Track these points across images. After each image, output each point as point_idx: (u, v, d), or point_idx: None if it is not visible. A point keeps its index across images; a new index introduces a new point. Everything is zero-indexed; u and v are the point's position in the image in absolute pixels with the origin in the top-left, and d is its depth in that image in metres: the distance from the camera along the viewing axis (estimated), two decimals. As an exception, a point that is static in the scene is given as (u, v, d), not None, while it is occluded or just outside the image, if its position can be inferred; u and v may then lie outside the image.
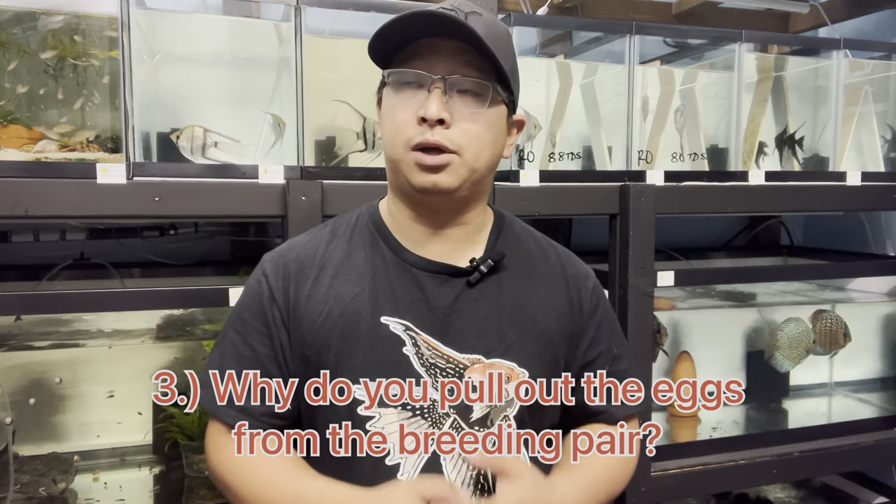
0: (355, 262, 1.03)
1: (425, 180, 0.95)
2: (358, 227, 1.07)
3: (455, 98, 0.94)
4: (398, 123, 0.95)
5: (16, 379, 1.59)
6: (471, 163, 0.96)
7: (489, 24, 0.94)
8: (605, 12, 2.20)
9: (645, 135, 1.84)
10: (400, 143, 0.95)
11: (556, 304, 1.06)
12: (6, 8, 1.36)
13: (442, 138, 0.93)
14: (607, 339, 1.11)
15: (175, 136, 1.47)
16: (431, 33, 0.94)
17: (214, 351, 1.05)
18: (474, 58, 0.94)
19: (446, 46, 0.94)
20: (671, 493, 1.73)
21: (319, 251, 1.05)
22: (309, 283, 1.02)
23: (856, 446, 1.89)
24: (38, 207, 1.29)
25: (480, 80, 0.94)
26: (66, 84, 1.40)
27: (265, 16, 1.67)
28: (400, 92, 0.96)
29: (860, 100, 1.99)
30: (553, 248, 1.13)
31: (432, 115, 0.92)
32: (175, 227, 1.88)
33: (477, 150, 0.96)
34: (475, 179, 0.98)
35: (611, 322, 1.13)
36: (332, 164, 1.61)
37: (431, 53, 0.94)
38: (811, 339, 2.02)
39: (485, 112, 0.95)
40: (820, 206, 1.91)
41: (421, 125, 0.93)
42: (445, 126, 0.93)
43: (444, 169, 0.94)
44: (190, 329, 1.74)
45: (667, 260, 2.17)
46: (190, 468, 1.59)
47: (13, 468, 1.43)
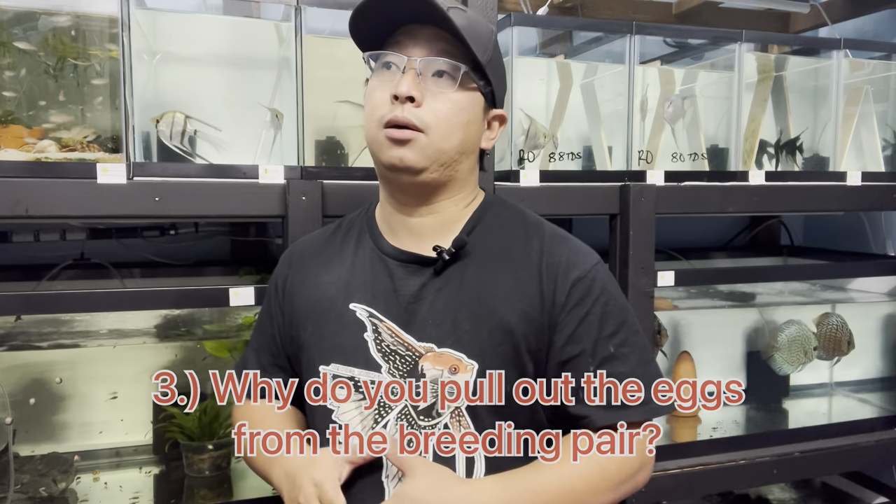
0: (343, 252, 1.11)
1: (392, 154, 0.98)
2: (357, 221, 1.15)
3: (428, 80, 0.99)
4: (374, 103, 1.00)
5: (16, 379, 1.59)
6: (438, 143, 0.99)
7: (471, 18, 1.00)
8: (605, 12, 2.20)
9: (644, 135, 1.84)
10: (374, 123, 1.00)
11: (522, 294, 1.00)
12: (6, 8, 1.36)
13: (411, 115, 0.97)
14: (595, 335, 1.01)
15: (154, 120, 1.46)
16: (410, 19, 0.99)
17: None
18: (450, 45, 0.99)
19: (425, 33, 0.99)
20: (671, 493, 1.73)
21: (320, 243, 1.15)
22: (303, 271, 1.12)
23: (856, 446, 1.89)
24: (39, 207, 1.29)
25: (449, 61, 0.99)
26: (66, 84, 1.40)
27: (265, 16, 1.67)
28: (379, 75, 1.02)
29: (860, 100, 1.99)
30: (540, 234, 1.06)
31: (402, 91, 0.96)
32: (175, 227, 1.88)
33: (445, 130, 0.99)
34: (444, 161, 1.01)
35: (606, 317, 1.02)
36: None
37: (409, 39, 1.00)
38: (812, 344, 2.00)
39: (455, 94, 1.00)
40: (820, 206, 1.91)
41: (393, 103, 0.98)
42: (416, 105, 0.97)
43: (409, 144, 0.98)
44: (190, 329, 1.74)
45: (667, 260, 2.17)
46: (190, 468, 1.59)
47: (13, 468, 1.43)
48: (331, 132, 1.63)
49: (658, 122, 1.86)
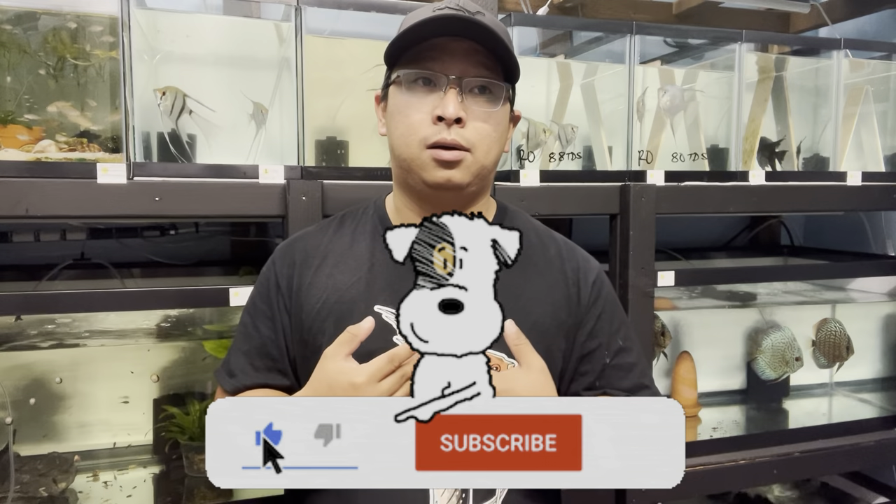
0: (356, 252, 1.07)
1: (440, 175, 0.97)
2: (363, 219, 1.11)
3: (469, 98, 0.97)
4: (412, 123, 0.98)
5: (16, 379, 1.59)
6: (482, 160, 0.99)
7: (494, 23, 0.98)
8: (605, 12, 2.20)
9: (642, 135, 1.83)
10: (415, 143, 0.98)
11: (551, 298, 1.06)
12: (6, 8, 1.36)
13: (458, 137, 0.96)
14: (608, 330, 1.10)
15: (160, 92, 1.45)
16: (443, 33, 0.96)
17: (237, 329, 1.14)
18: (485, 58, 0.97)
19: (459, 47, 0.97)
20: (671, 493, 1.73)
21: (325, 241, 1.10)
22: (311, 271, 1.07)
23: (856, 446, 1.89)
24: (39, 207, 1.29)
25: (495, 81, 0.98)
26: (66, 84, 1.40)
27: (265, 16, 1.67)
28: (412, 91, 0.98)
29: (860, 100, 2.00)
30: (554, 241, 1.13)
31: (451, 114, 0.95)
32: (175, 227, 1.88)
33: (488, 147, 0.99)
34: (484, 175, 1.02)
35: (613, 314, 1.12)
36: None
37: (444, 54, 0.97)
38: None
39: (496, 110, 0.99)
40: (820, 206, 1.91)
41: (437, 124, 0.96)
42: (461, 125, 0.96)
43: (458, 165, 0.97)
44: (190, 329, 1.74)
45: (667, 260, 2.17)
46: (190, 468, 1.59)
47: (13, 468, 1.43)
48: (331, 132, 1.64)
49: (658, 122, 1.86)
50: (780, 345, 2.00)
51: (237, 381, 1.08)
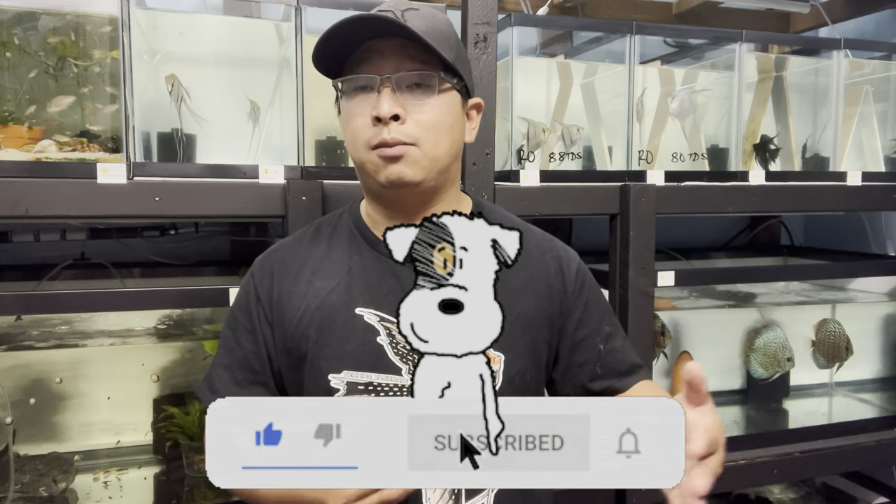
0: (334, 258, 1.07)
1: (390, 173, 0.98)
2: (339, 226, 1.11)
3: (405, 93, 0.98)
4: (356, 128, 0.99)
5: (16, 379, 1.59)
6: (430, 152, 0.99)
7: (427, 17, 0.98)
8: (605, 12, 2.20)
9: (642, 135, 1.83)
10: (361, 146, 0.99)
11: (533, 288, 1.07)
12: (6, 8, 1.36)
13: (398, 134, 0.96)
14: (597, 318, 1.12)
15: (171, 79, 1.47)
16: (373, 36, 0.98)
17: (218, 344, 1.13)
18: (417, 52, 0.97)
19: (389, 46, 0.98)
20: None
21: (301, 250, 1.10)
22: (290, 280, 1.07)
23: (856, 446, 1.89)
24: (39, 207, 1.29)
25: (424, 72, 0.98)
26: (66, 84, 1.40)
27: (265, 16, 1.67)
28: (353, 98, 1.00)
29: (860, 100, 2.00)
30: (531, 233, 1.13)
31: (385, 113, 0.95)
32: (175, 227, 1.88)
33: (434, 139, 0.99)
34: (439, 169, 1.01)
35: (598, 301, 1.14)
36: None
37: (375, 56, 0.98)
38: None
39: (435, 100, 0.99)
40: (820, 206, 1.91)
41: (376, 125, 0.97)
42: (400, 122, 0.96)
43: (403, 159, 0.97)
44: (190, 329, 1.74)
45: (667, 260, 2.17)
46: (190, 468, 1.59)
47: (13, 468, 1.43)
48: (331, 132, 1.64)
49: (658, 122, 1.86)
50: (773, 344, 2.00)
51: (219, 396, 1.07)
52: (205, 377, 1.11)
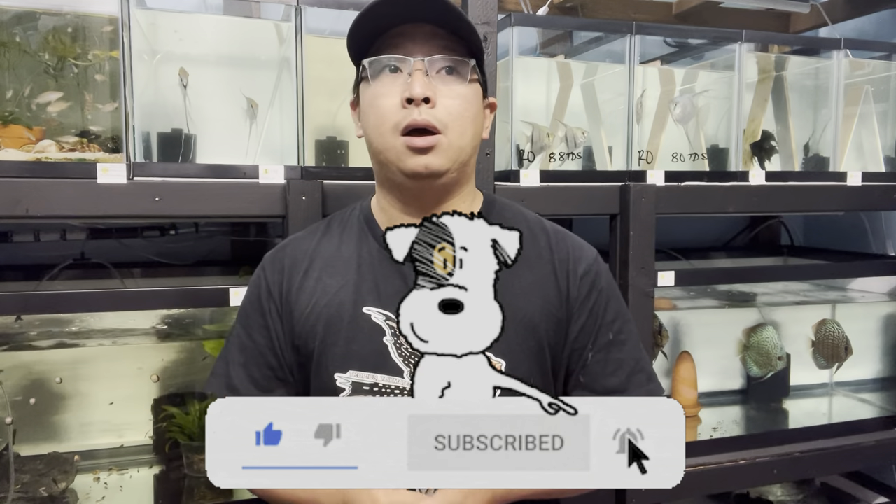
0: (343, 255, 1.06)
1: (417, 163, 0.96)
2: (350, 222, 1.10)
3: (436, 78, 0.97)
4: (383, 110, 0.97)
5: (16, 379, 1.59)
6: (456, 141, 0.98)
7: (454, 5, 0.98)
8: (605, 12, 2.20)
9: (642, 135, 1.83)
10: (387, 130, 0.97)
11: (541, 291, 1.03)
12: (6, 8, 1.36)
13: (429, 117, 0.95)
14: (599, 323, 1.06)
15: (183, 73, 1.48)
16: (404, 20, 0.97)
17: (225, 342, 1.12)
18: (447, 41, 0.98)
19: (420, 32, 0.98)
20: (671, 493, 1.72)
21: (312, 246, 1.09)
22: (300, 276, 1.06)
23: (856, 446, 1.89)
24: (39, 207, 1.29)
25: (460, 58, 0.98)
26: (66, 84, 1.40)
27: (265, 16, 1.67)
28: (380, 81, 0.99)
29: (861, 100, 2.00)
30: (544, 232, 1.09)
31: (418, 94, 0.94)
32: (175, 227, 1.88)
33: (461, 127, 0.98)
34: (463, 160, 1.00)
35: (607, 305, 1.07)
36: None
37: (406, 40, 0.98)
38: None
39: (465, 89, 0.99)
40: (820, 206, 1.91)
41: (406, 107, 0.95)
42: (431, 105, 0.96)
43: (433, 150, 0.96)
44: (190, 329, 1.74)
45: (667, 260, 2.17)
46: (190, 468, 1.59)
47: (13, 468, 1.43)
48: (331, 132, 1.64)
49: (658, 123, 1.86)
50: (767, 343, 2.00)
51: (240, 395, 1.05)
52: (218, 375, 1.08)
